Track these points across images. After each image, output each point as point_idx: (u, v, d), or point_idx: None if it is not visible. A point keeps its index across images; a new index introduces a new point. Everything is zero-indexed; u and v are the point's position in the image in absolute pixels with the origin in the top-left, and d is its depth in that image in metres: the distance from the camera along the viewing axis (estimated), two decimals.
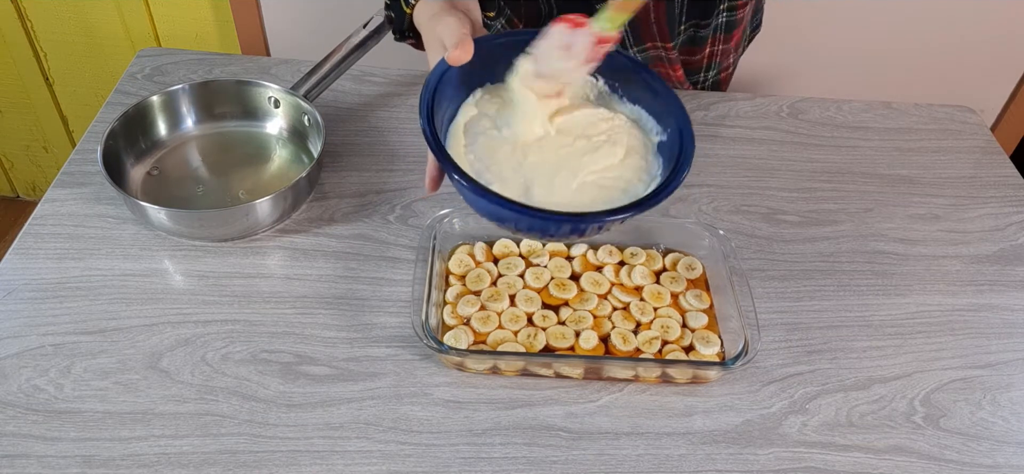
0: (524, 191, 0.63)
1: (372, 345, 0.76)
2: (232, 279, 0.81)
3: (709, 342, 0.75)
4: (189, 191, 0.90)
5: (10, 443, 0.66)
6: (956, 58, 1.63)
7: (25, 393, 0.70)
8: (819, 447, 0.71)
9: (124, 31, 1.69)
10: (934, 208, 0.97)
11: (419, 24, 0.76)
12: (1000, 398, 0.76)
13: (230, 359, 0.74)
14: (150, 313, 0.77)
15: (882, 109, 1.12)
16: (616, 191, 0.64)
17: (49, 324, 0.75)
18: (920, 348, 0.80)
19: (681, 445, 0.70)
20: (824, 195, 0.97)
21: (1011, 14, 1.56)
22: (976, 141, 1.08)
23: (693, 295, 0.80)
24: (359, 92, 1.06)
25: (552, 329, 0.76)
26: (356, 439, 0.68)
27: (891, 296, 0.85)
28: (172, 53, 1.12)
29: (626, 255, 0.83)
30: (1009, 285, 0.87)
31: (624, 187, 0.65)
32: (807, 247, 0.90)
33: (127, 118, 0.89)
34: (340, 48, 0.92)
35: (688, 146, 0.65)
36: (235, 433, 0.68)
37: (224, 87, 0.96)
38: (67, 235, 0.84)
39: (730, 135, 1.05)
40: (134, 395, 0.70)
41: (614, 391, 0.74)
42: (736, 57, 1.11)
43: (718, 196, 0.95)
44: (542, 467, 0.68)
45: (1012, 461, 0.71)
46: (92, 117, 1.02)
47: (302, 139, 0.95)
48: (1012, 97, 1.71)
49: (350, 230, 0.87)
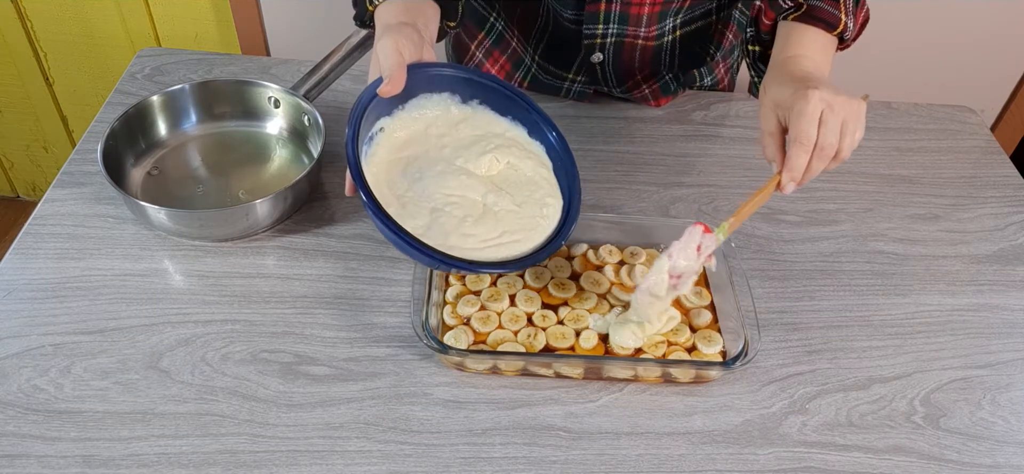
0: (431, 219, 0.70)
1: (372, 345, 0.76)
2: (232, 279, 0.81)
3: (711, 341, 0.75)
4: (189, 191, 0.90)
5: (10, 443, 0.66)
6: (956, 58, 1.63)
7: (25, 393, 0.70)
8: (819, 447, 0.71)
9: (124, 31, 1.69)
10: (934, 208, 0.97)
11: (377, 23, 0.78)
12: (1000, 398, 0.76)
13: (230, 359, 0.74)
14: (150, 313, 0.77)
15: (882, 109, 1.12)
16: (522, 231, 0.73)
17: (49, 324, 0.75)
18: (920, 348, 0.80)
19: (681, 445, 0.70)
20: (824, 195, 0.97)
21: (1011, 14, 1.56)
22: (976, 141, 1.08)
23: (693, 292, 0.80)
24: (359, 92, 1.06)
25: (552, 329, 0.76)
26: (356, 439, 0.68)
27: (891, 296, 0.85)
28: (172, 53, 1.12)
29: (626, 255, 0.83)
30: (1009, 285, 0.87)
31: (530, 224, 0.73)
32: (807, 247, 0.90)
33: (127, 118, 0.89)
34: (340, 48, 0.92)
35: (573, 214, 0.75)
36: (235, 433, 0.68)
37: (224, 87, 0.96)
38: (67, 235, 0.84)
39: (730, 135, 1.05)
40: (134, 395, 0.70)
41: (614, 391, 0.74)
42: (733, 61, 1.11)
43: (718, 196, 0.95)
44: (542, 467, 0.68)
45: (1012, 461, 0.71)
46: (92, 117, 1.02)
47: (302, 139, 0.95)
48: (1012, 97, 1.71)
49: (350, 230, 0.87)
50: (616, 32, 0.95)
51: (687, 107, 1.08)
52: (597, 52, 0.97)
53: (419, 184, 0.72)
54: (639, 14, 0.93)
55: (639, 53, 0.98)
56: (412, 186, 0.72)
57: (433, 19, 0.79)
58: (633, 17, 0.93)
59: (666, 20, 0.95)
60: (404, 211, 0.70)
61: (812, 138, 0.69)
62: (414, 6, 0.77)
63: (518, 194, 0.75)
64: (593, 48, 0.97)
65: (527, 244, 0.71)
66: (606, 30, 0.94)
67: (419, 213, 0.70)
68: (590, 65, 1.00)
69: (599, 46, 0.97)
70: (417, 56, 0.72)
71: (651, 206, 0.93)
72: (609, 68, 1.00)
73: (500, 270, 0.71)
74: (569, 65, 1.02)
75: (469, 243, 0.70)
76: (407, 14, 0.76)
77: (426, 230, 0.69)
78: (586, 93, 1.05)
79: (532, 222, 0.73)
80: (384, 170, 0.73)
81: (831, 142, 0.69)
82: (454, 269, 0.72)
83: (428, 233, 0.69)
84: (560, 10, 0.95)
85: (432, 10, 0.79)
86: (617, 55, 0.98)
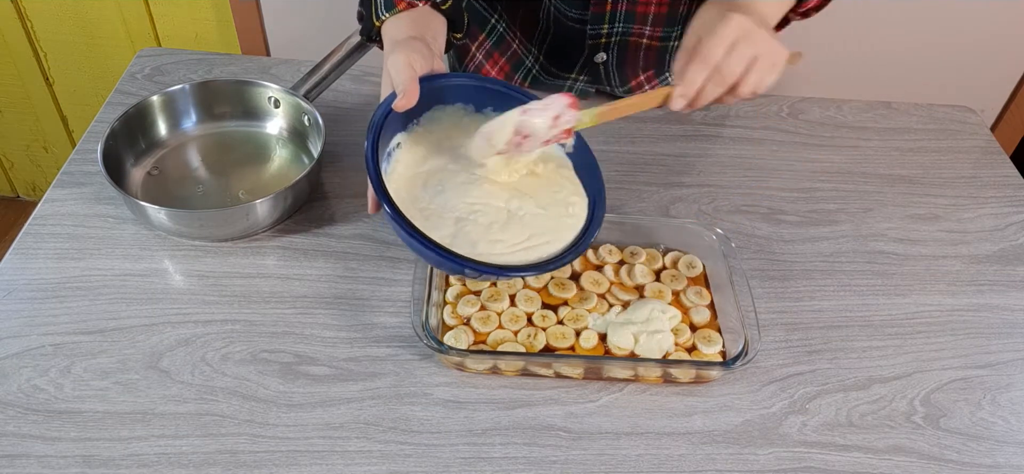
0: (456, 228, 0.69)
1: (372, 345, 0.76)
2: (232, 279, 0.81)
3: (711, 341, 0.75)
4: (189, 191, 0.90)
5: (10, 443, 0.66)
6: (956, 58, 1.63)
7: (25, 393, 0.70)
8: (819, 447, 0.71)
9: (124, 31, 1.70)
10: (934, 208, 0.97)
11: (385, 39, 0.77)
12: (1000, 398, 0.76)
13: (230, 359, 0.74)
14: (150, 313, 0.77)
15: (882, 109, 1.12)
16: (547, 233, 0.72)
17: (49, 324, 0.75)
18: (920, 348, 0.80)
19: (681, 445, 0.70)
20: (824, 195, 0.97)
21: (1011, 15, 1.56)
22: (976, 141, 1.08)
23: (694, 292, 0.80)
24: (359, 92, 1.06)
25: (552, 329, 0.76)
26: (356, 439, 0.68)
27: (891, 296, 0.85)
28: (172, 53, 1.12)
29: (626, 254, 0.83)
30: (1009, 285, 0.87)
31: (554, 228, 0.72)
32: (807, 247, 0.90)
33: (127, 118, 0.89)
34: (340, 48, 0.92)
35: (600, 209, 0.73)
36: (235, 433, 0.68)
37: (224, 87, 0.96)
38: (67, 235, 0.84)
39: (730, 135, 1.05)
40: (134, 395, 0.70)
41: (614, 391, 0.74)
42: None
43: (718, 196, 0.95)
44: (542, 467, 0.68)
45: (1012, 461, 0.71)
46: (92, 117, 1.02)
47: (302, 139, 0.95)
48: (1012, 97, 1.71)
49: (350, 230, 0.87)
50: (621, 31, 0.95)
51: None
52: (601, 52, 0.97)
53: (441, 196, 0.71)
54: (645, 13, 0.92)
55: (643, 53, 0.98)
56: (434, 199, 0.71)
57: (441, 32, 0.79)
58: (639, 15, 0.93)
59: (675, 26, 0.95)
60: (428, 223, 0.69)
61: (714, 58, 0.67)
62: (422, 20, 0.77)
63: (542, 197, 0.74)
64: (597, 48, 0.97)
65: (557, 244, 0.70)
66: (611, 29, 0.94)
67: (443, 224, 0.69)
68: (593, 65, 1.00)
69: (603, 46, 0.97)
70: (428, 69, 0.71)
71: (651, 206, 0.93)
72: (612, 68, 1.00)
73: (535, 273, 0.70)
74: (572, 66, 1.02)
75: (497, 249, 0.69)
76: (415, 28, 0.75)
77: (453, 239, 0.68)
78: (589, 92, 1.05)
79: (559, 222, 0.72)
80: (405, 185, 0.72)
81: (733, 70, 0.66)
82: (487, 275, 0.72)
83: (455, 242, 0.68)
84: (564, 10, 0.95)
85: (439, 23, 0.79)
86: (621, 54, 0.98)
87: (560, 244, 0.70)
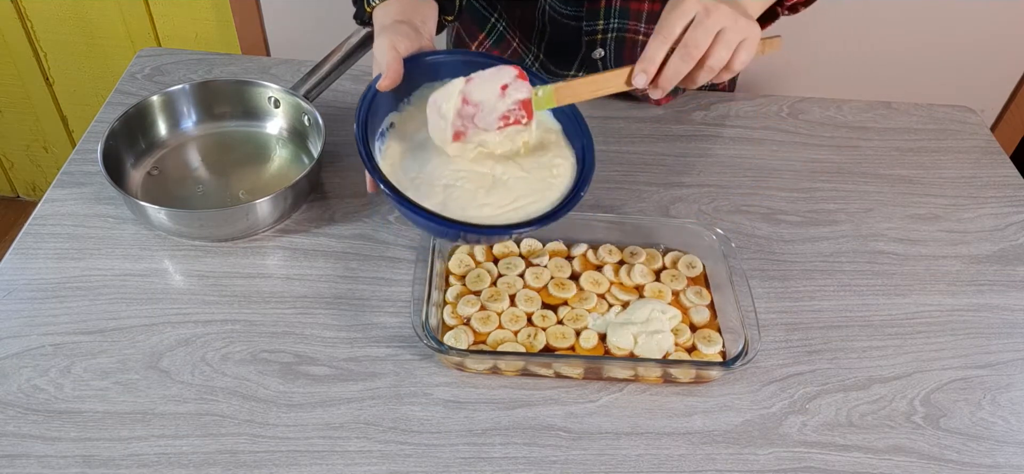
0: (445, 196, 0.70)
1: (372, 345, 0.76)
2: (232, 279, 0.81)
3: (711, 341, 0.75)
4: (189, 191, 0.90)
5: (10, 443, 0.66)
6: (956, 58, 1.63)
7: (25, 393, 0.70)
8: (819, 447, 0.71)
9: (124, 31, 1.69)
10: (934, 208, 0.97)
11: (375, 25, 0.78)
12: (1000, 398, 0.76)
13: (230, 359, 0.74)
14: (150, 313, 0.77)
15: (882, 109, 1.12)
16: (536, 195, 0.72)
17: (49, 324, 0.75)
18: (920, 348, 0.80)
19: (681, 445, 0.70)
20: (824, 195, 0.97)
21: (1011, 15, 1.56)
22: (976, 141, 1.08)
23: (694, 292, 0.80)
24: (359, 92, 1.05)
25: (552, 329, 0.76)
26: (356, 439, 0.68)
27: (891, 296, 0.85)
28: (172, 53, 1.12)
29: (626, 254, 0.83)
30: (1009, 285, 0.87)
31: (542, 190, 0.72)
32: (807, 247, 0.90)
33: (127, 118, 0.89)
34: (340, 48, 0.92)
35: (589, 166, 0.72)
36: (235, 433, 0.68)
37: (224, 87, 0.96)
38: (67, 235, 0.84)
39: (730, 135, 1.05)
40: (134, 395, 0.70)
41: (614, 391, 0.74)
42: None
43: (718, 196, 0.95)
44: (542, 467, 0.68)
45: (1012, 461, 0.71)
46: (92, 117, 1.02)
47: (302, 139, 0.95)
48: (1012, 97, 1.71)
49: (350, 230, 0.87)
50: (617, 27, 0.95)
51: (687, 107, 1.08)
52: (598, 48, 0.98)
53: (428, 166, 0.72)
54: (639, 9, 0.92)
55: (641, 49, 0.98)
56: (421, 169, 0.72)
57: (430, 17, 0.80)
58: (634, 12, 0.93)
59: None
60: (418, 192, 0.70)
61: (673, 32, 0.66)
62: (411, 5, 0.78)
63: (525, 161, 0.74)
64: (594, 44, 0.97)
65: (542, 204, 0.71)
66: (607, 25, 0.95)
67: (433, 192, 0.70)
68: (592, 62, 1.00)
69: (601, 42, 0.97)
70: (414, 50, 0.73)
71: (651, 206, 0.93)
72: (611, 63, 1.00)
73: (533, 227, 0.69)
74: (571, 63, 1.02)
75: (486, 212, 0.69)
76: (403, 13, 0.76)
77: (442, 207, 0.69)
78: None
79: (542, 183, 0.72)
80: (399, 160, 0.74)
81: (698, 42, 0.65)
82: (482, 237, 0.73)
83: (445, 209, 0.69)
84: (558, 8, 0.95)
85: (429, 8, 0.80)
86: (619, 50, 0.98)
87: (545, 204, 0.70)
